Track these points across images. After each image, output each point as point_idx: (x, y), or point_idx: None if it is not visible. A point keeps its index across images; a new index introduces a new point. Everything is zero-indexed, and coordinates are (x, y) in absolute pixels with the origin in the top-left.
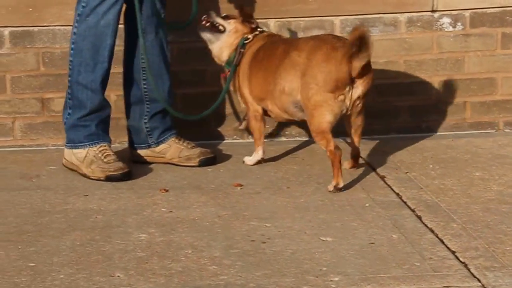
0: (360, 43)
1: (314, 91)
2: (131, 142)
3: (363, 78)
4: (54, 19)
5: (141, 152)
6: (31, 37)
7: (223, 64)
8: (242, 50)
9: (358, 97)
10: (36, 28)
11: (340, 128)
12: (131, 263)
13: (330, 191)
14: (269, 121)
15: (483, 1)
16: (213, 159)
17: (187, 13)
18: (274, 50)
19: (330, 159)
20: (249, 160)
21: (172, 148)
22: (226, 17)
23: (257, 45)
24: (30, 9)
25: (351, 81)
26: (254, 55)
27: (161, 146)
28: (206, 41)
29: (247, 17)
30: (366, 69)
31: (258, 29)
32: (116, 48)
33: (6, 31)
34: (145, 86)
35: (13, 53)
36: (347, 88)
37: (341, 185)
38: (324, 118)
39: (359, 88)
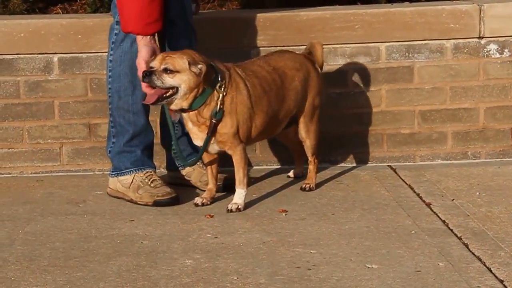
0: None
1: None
2: (166, 163)
3: None
4: (102, 45)
5: (171, 173)
6: (79, 63)
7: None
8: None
9: None
10: (84, 55)
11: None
12: None
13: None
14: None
15: None
16: (231, 184)
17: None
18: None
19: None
20: (241, 203)
21: (195, 172)
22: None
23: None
24: (79, 36)
25: None
26: (247, 93)
27: (187, 169)
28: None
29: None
30: None
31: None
32: None
33: (55, 58)
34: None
35: (61, 79)
36: None
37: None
38: None
39: None
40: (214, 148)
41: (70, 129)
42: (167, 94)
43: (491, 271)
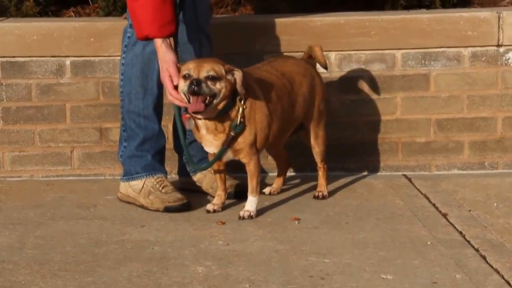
0: None
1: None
2: (178, 169)
3: None
4: (115, 49)
5: (182, 179)
6: (92, 67)
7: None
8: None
9: None
10: (97, 58)
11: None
12: None
13: None
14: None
15: None
16: (243, 192)
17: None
18: (280, 85)
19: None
20: (253, 210)
21: (206, 178)
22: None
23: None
24: (92, 40)
25: None
26: (263, 99)
27: (198, 175)
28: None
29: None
30: None
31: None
32: None
33: (68, 61)
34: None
35: (73, 83)
36: None
37: None
38: None
39: None
40: (228, 156)
41: (81, 133)
42: (208, 101)
43: (509, 284)
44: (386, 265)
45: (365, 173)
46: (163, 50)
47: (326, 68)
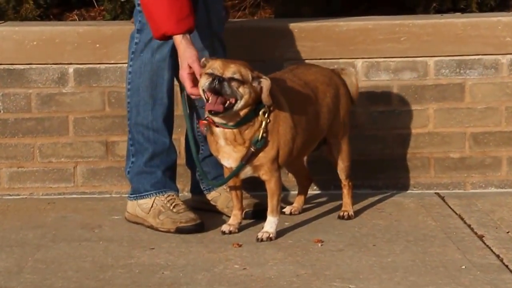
0: None
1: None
2: (190, 186)
3: None
4: (122, 56)
5: (195, 197)
6: (97, 75)
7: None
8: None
9: None
10: (102, 66)
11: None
12: None
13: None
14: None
15: None
16: (262, 211)
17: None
18: (305, 96)
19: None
20: (272, 232)
21: (221, 197)
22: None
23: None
24: (97, 45)
25: None
26: (288, 111)
27: (212, 194)
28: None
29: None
30: None
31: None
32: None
33: (71, 69)
34: (197, 126)
35: (77, 93)
36: None
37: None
38: None
39: None
40: (246, 172)
41: (85, 147)
42: (228, 104)
43: None
44: None
45: (394, 191)
46: (183, 47)
47: (353, 101)
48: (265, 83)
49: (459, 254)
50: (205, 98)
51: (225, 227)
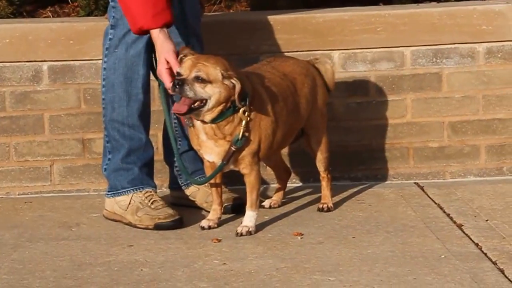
0: None
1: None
2: (169, 182)
3: None
4: (97, 52)
5: (174, 193)
6: (71, 72)
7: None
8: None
9: None
10: (77, 62)
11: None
12: None
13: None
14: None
15: None
16: (241, 205)
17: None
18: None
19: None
20: (252, 226)
21: (200, 192)
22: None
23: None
24: (71, 42)
25: None
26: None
27: (191, 189)
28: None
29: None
30: None
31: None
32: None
33: (45, 66)
34: (175, 121)
35: (52, 90)
36: None
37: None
38: None
39: None
40: (228, 167)
41: (61, 145)
42: (196, 105)
43: None
44: (396, 282)
45: (374, 182)
46: (160, 41)
47: (329, 90)
48: (236, 86)
49: (438, 244)
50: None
51: (204, 222)
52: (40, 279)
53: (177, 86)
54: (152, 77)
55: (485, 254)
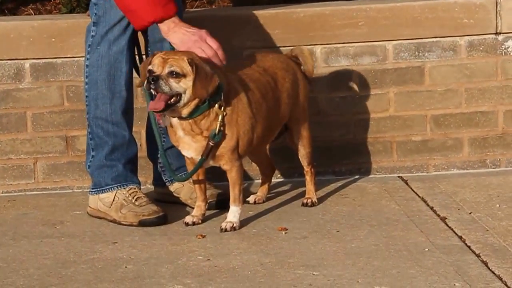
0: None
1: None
2: (152, 179)
3: None
4: (79, 49)
5: (158, 190)
6: (54, 69)
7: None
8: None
9: None
10: (59, 60)
11: None
12: None
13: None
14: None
15: None
16: (225, 201)
17: None
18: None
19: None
20: (236, 221)
21: (185, 188)
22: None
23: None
24: (53, 39)
25: None
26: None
27: (175, 185)
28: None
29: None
30: None
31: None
32: None
33: (27, 64)
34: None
35: (34, 88)
36: None
37: None
38: None
39: None
40: (207, 163)
41: (45, 143)
42: (172, 101)
43: None
44: (380, 275)
45: (357, 176)
46: (179, 33)
47: (310, 81)
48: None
49: (422, 237)
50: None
51: (188, 219)
52: (24, 277)
53: (152, 83)
54: (135, 74)
55: (469, 247)
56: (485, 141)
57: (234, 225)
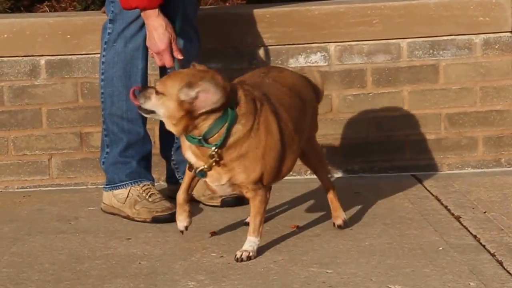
0: None
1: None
2: (166, 176)
3: None
4: (94, 46)
5: (171, 187)
6: (69, 66)
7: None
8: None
9: None
10: (74, 57)
11: None
12: None
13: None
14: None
15: None
16: (237, 199)
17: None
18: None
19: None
20: (252, 251)
21: (198, 185)
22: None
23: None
24: (68, 36)
25: None
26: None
27: None
28: None
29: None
30: None
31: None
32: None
33: (42, 61)
34: None
35: (49, 84)
36: None
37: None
38: None
39: None
40: (225, 190)
41: (59, 139)
42: (148, 111)
43: None
44: (394, 274)
45: (370, 174)
46: (155, 25)
47: (319, 100)
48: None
49: (436, 236)
50: None
51: (180, 226)
52: (39, 272)
53: (140, 91)
54: (149, 71)
55: (484, 246)
56: (500, 140)
57: (250, 254)
